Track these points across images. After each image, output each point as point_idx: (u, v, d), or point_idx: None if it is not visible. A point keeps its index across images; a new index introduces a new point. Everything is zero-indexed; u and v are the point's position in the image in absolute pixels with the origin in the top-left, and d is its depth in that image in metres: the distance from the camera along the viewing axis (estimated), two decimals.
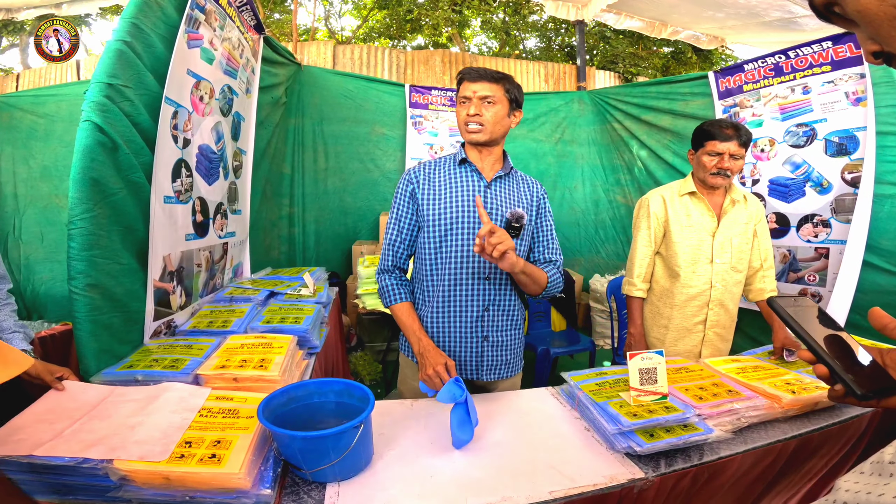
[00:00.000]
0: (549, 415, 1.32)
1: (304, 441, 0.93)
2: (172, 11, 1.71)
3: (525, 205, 1.50)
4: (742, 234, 1.87)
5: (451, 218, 1.42)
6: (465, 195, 1.43)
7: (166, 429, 0.97)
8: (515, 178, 1.54)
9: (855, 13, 0.48)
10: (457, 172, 1.48)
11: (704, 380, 1.43)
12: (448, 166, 1.50)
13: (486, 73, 1.42)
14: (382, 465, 1.04)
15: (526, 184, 1.55)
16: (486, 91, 1.40)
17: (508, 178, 1.51)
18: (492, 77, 1.42)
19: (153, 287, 1.59)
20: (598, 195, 4.66)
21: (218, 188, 2.19)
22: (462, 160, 1.48)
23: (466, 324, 1.44)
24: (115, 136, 1.41)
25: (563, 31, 8.03)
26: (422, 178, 1.48)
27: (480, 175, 1.47)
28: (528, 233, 1.50)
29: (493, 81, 1.41)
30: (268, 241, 3.41)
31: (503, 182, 1.50)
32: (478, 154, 1.48)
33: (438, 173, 1.49)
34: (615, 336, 2.85)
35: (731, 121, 1.79)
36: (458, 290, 1.42)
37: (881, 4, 0.46)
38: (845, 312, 2.45)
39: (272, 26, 8.05)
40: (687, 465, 1.09)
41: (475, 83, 1.41)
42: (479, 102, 1.40)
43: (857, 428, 1.37)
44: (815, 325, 0.63)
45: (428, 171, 1.49)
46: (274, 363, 1.33)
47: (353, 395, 1.12)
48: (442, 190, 1.45)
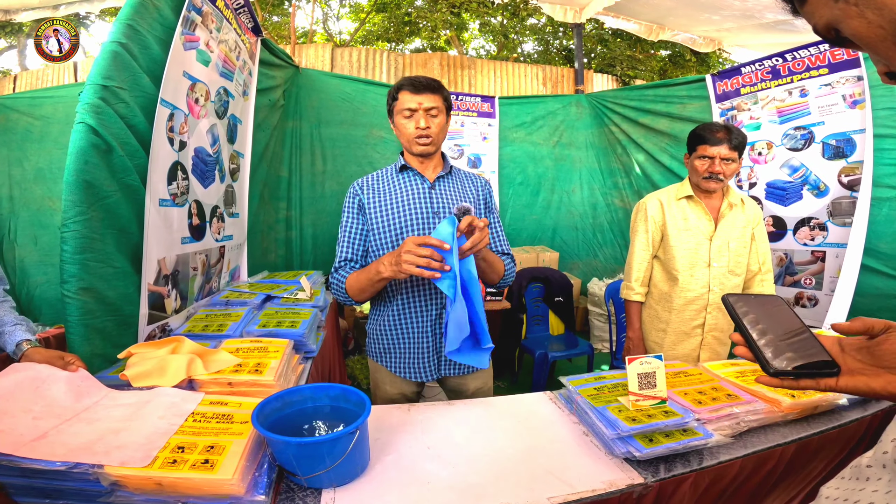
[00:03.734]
0: (548, 420, 1.31)
1: (298, 447, 0.92)
2: (169, 13, 1.71)
3: (471, 199, 1.53)
4: (740, 238, 1.86)
5: (400, 223, 1.44)
6: (410, 198, 1.46)
7: (151, 434, 0.95)
8: (458, 175, 1.56)
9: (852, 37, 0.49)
10: (399, 179, 1.51)
11: (703, 384, 1.42)
12: (390, 175, 1.52)
13: (429, 84, 1.42)
14: (379, 470, 1.03)
15: (469, 180, 1.57)
16: (430, 102, 1.41)
17: (451, 177, 1.54)
18: (433, 87, 1.42)
19: (147, 291, 1.58)
20: (595, 199, 4.67)
21: (213, 191, 2.18)
22: (402, 167, 1.51)
23: (426, 323, 1.47)
24: (109, 138, 1.40)
25: (560, 35, 8.06)
26: (366, 188, 1.50)
27: (423, 177, 1.50)
28: None
29: (435, 92, 1.42)
30: (265, 244, 3.40)
31: (446, 181, 1.52)
32: (419, 161, 1.51)
33: (382, 183, 1.51)
34: (613, 339, 2.84)
35: (723, 124, 1.80)
36: (416, 292, 1.46)
37: (869, 27, 0.46)
38: (843, 316, 2.45)
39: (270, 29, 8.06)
40: (686, 469, 1.08)
41: (420, 94, 1.41)
42: (425, 115, 1.41)
43: (856, 431, 1.37)
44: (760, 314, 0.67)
45: (371, 183, 1.52)
46: (269, 368, 1.32)
47: (349, 400, 1.11)
48: (387, 198, 1.47)
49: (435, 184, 1.50)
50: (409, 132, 1.43)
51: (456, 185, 1.53)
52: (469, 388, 1.56)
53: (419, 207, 1.45)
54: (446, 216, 1.44)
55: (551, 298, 3.41)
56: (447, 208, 1.47)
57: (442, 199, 1.48)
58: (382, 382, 1.55)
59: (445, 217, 1.43)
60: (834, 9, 0.48)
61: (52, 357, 1.16)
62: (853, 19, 0.47)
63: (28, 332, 1.27)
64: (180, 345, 1.37)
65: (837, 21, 0.48)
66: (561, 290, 3.38)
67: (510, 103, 4.53)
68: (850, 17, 0.47)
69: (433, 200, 1.47)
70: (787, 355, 0.62)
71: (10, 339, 1.23)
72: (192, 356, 1.30)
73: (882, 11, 0.44)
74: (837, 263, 2.63)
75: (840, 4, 0.47)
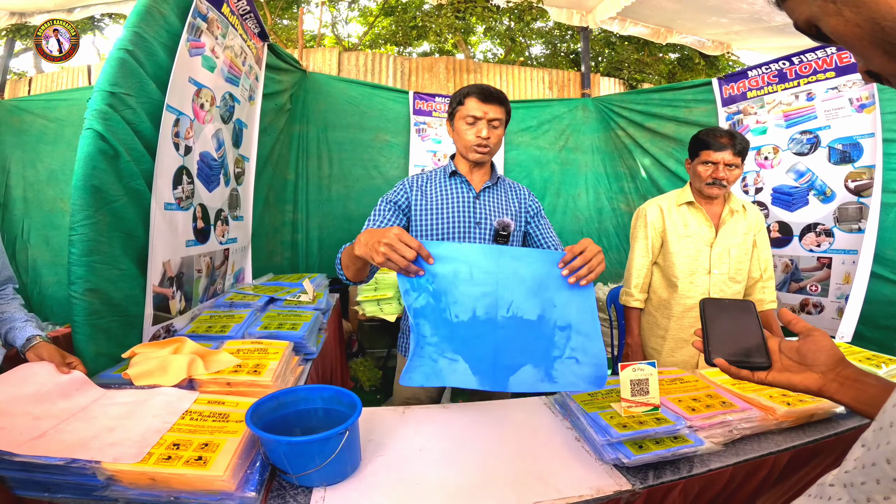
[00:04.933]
0: (541, 424, 1.32)
1: (289, 446, 0.94)
2: (175, 20, 1.75)
3: (514, 212, 1.54)
4: (741, 245, 1.86)
5: (442, 228, 1.46)
6: (456, 206, 1.48)
7: (144, 432, 0.98)
8: (504, 185, 1.58)
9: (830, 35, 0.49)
10: (447, 184, 1.52)
11: (699, 391, 1.42)
12: (439, 178, 1.54)
13: (497, 96, 1.44)
14: (370, 470, 1.05)
15: (514, 191, 1.59)
16: (496, 114, 1.43)
17: (496, 188, 1.56)
18: (500, 100, 1.44)
19: (152, 292, 1.61)
20: (601, 203, 4.65)
21: (218, 195, 2.22)
22: (452, 172, 1.53)
23: None
24: (116, 144, 1.45)
25: (567, 38, 8.05)
26: (416, 189, 1.52)
27: (470, 186, 1.51)
28: (519, 239, 1.55)
29: (501, 104, 1.44)
30: (270, 246, 3.44)
31: (491, 192, 1.54)
32: (469, 168, 1.52)
33: (431, 185, 1.53)
34: (615, 344, 2.83)
35: (727, 129, 1.79)
36: None
37: (847, 25, 0.46)
38: (853, 325, 2.41)
39: (280, 32, 8.15)
40: (676, 477, 1.08)
41: (487, 104, 1.42)
42: (488, 125, 1.43)
43: (852, 439, 1.35)
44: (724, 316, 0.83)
45: (421, 183, 1.54)
46: (268, 369, 1.34)
47: (342, 402, 1.13)
48: (433, 202, 1.49)
49: (480, 194, 1.52)
50: (468, 139, 1.45)
51: (500, 196, 1.55)
52: None
53: (463, 216, 1.48)
54: (489, 227, 1.48)
55: None
56: (490, 221, 1.49)
57: (485, 210, 1.50)
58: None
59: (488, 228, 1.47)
60: (812, 6, 0.48)
61: (56, 354, 1.21)
62: (831, 17, 0.47)
63: (38, 328, 1.32)
64: (182, 345, 1.40)
65: (816, 18, 0.48)
66: None
67: (516, 107, 4.52)
68: (828, 14, 0.47)
69: (476, 210, 1.50)
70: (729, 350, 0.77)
71: (20, 334, 1.28)
72: (193, 356, 1.33)
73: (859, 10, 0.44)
74: (844, 270, 2.60)
75: (818, 2, 0.47)
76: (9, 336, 1.30)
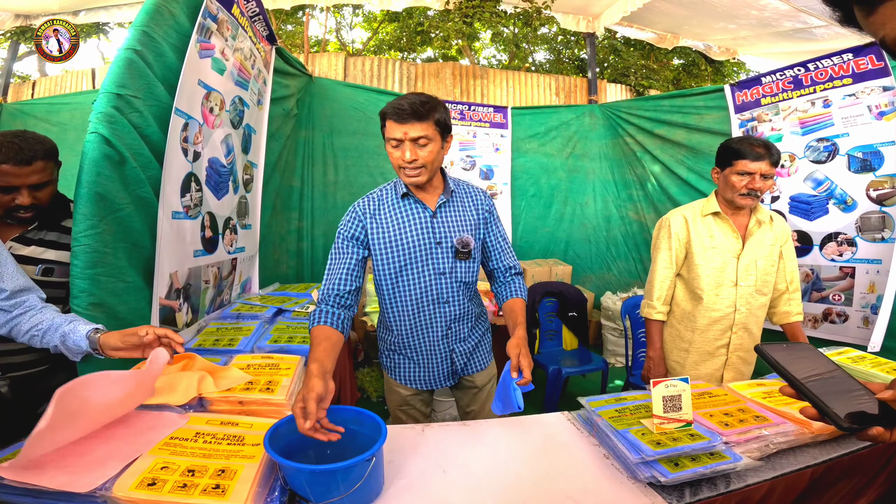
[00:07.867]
0: (566, 442, 1.26)
1: (311, 474, 0.88)
2: (184, 20, 1.69)
3: (472, 223, 1.49)
4: (768, 257, 1.79)
5: (404, 253, 1.42)
6: (413, 228, 1.43)
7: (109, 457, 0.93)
8: (459, 195, 1.51)
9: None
10: (401, 206, 1.45)
11: (729, 405, 1.37)
12: (391, 200, 1.46)
13: (413, 111, 1.29)
14: (392, 494, 0.99)
15: (470, 198, 1.52)
16: (417, 132, 1.30)
17: (452, 201, 1.48)
18: (419, 115, 1.29)
19: (158, 305, 1.55)
20: (609, 211, 4.59)
21: (227, 202, 2.16)
22: (404, 194, 1.44)
23: (434, 341, 1.50)
24: (122, 148, 1.38)
25: (573, 44, 8.04)
26: (369, 215, 1.44)
27: (424, 205, 1.44)
28: (479, 247, 1.52)
29: (422, 119, 1.30)
30: (277, 255, 3.38)
31: (447, 207, 1.47)
32: (415, 188, 1.44)
33: (383, 209, 1.45)
34: (629, 355, 2.76)
35: (762, 139, 1.72)
36: (421, 315, 1.47)
37: None
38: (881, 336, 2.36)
39: (284, 37, 8.13)
40: (713, 493, 1.04)
41: (404, 124, 1.30)
42: (411, 145, 1.32)
43: (885, 451, 1.31)
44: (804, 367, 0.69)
45: (373, 210, 1.45)
46: (281, 386, 1.28)
47: (364, 424, 1.07)
48: (390, 226, 1.43)
49: (437, 211, 1.45)
50: (394, 161, 1.37)
51: (457, 209, 1.48)
52: (477, 383, 1.60)
53: (422, 237, 1.42)
54: (450, 245, 1.44)
55: (565, 313, 3.34)
56: (450, 238, 1.45)
57: (444, 228, 1.45)
58: (396, 387, 1.58)
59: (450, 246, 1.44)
60: None
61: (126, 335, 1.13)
62: None
63: (86, 322, 1.18)
64: (191, 362, 1.34)
65: None
66: (575, 304, 3.31)
67: (523, 113, 4.49)
68: None
69: (435, 230, 1.44)
70: (853, 411, 0.63)
71: (74, 335, 1.14)
72: (202, 373, 1.27)
73: None
74: (868, 279, 2.54)
75: None
76: (67, 343, 1.15)
